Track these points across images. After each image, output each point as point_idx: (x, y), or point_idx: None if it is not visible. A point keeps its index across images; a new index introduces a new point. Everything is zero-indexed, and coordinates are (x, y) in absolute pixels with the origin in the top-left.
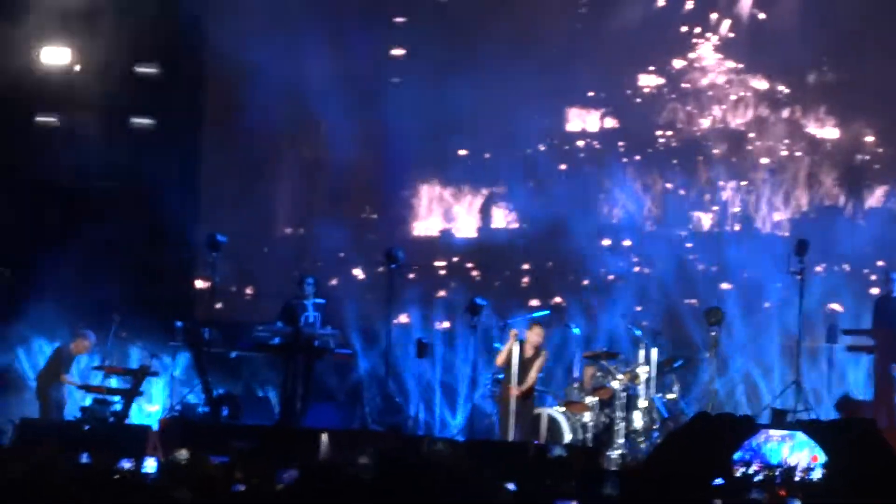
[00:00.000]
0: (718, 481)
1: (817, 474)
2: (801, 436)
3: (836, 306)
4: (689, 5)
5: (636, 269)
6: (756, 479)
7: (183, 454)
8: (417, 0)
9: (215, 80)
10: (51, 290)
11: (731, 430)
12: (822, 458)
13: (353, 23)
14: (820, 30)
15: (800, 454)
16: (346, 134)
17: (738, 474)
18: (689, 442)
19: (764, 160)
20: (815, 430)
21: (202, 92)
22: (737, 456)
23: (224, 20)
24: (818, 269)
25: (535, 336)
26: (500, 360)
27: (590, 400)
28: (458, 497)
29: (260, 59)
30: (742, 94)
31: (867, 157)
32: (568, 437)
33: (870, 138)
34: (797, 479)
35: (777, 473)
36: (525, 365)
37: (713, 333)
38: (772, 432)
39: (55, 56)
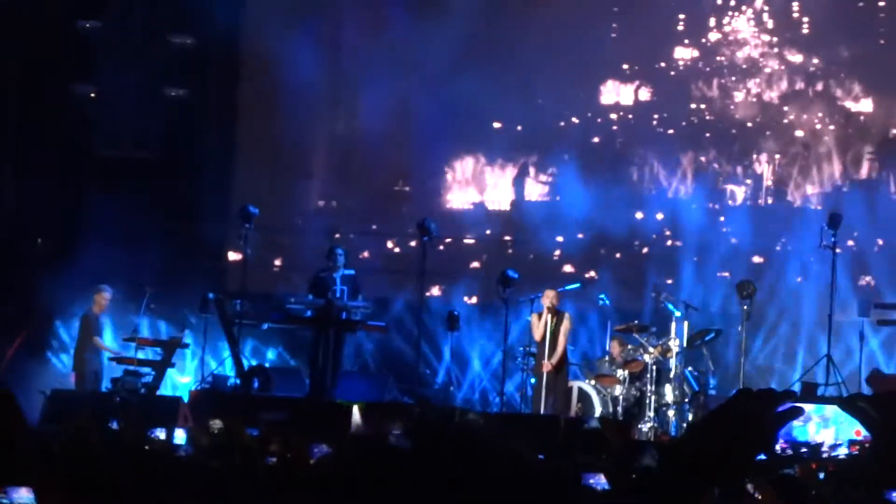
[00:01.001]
0: (761, 457)
1: (843, 451)
2: (828, 412)
3: (867, 282)
4: None
5: (669, 242)
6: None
7: (217, 423)
8: None
9: (250, 51)
10: (86, 261)
11: (773, 407)
12: (864, 432)
13: None
14: (855, 4)
15: (826, 431)
16: (379, 106)
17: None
18: (731, 417)
19: (798, 133)
20: (850, 404)
21: (237, 63)
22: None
23: None
24: (850, 242)
25: (546, 300)
26: (538, 334)
27: (621, 373)
28: (494, 467)
29: (295, 31)
30: (776, 66)
31: None
32: (598, 410)
33: None
34: (824, 456)
35: (804, 451)
36: (553, 334)
37: (745, 307)
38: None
39: (93, 26)
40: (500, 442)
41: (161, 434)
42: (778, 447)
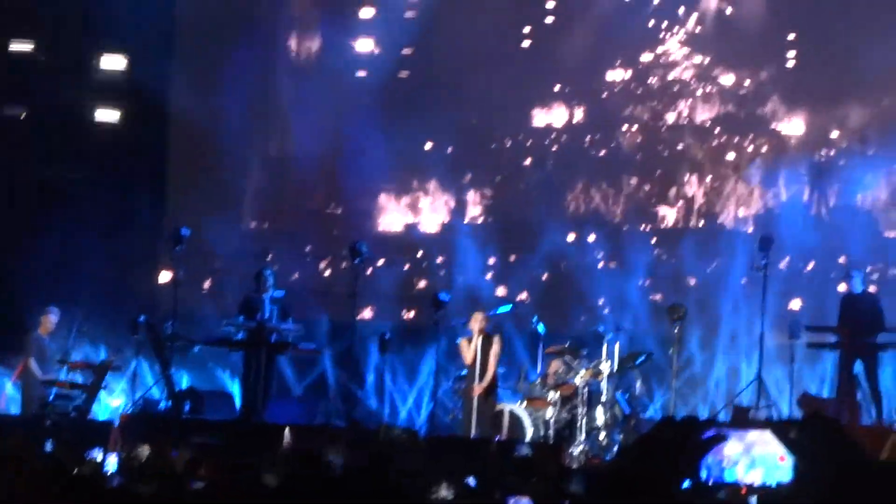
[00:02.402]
0: (686, 484)
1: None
2: (756, 451)
3: (797, 302)
4: (656, 0)
5: (601, 264)
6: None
7: (144, 450)
8: None
9: (182, 72)
10: (17, 283)
11: (697, 435)
12: (789, 458)
13: (318, 15)
14: (787, 25)
15: (755, 472)
16: (311, 128)
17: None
18: (656, 445)
19: (729, 155)
20: (781, 430)
21: (168, 85)
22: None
23: (193, 10)
24: (782, 265)
25: (475, 323)
26: (468, 358)
27: (552, 396)
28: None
29: (227, 52)
30: (708, 88)
31: (832, 153)
32: (530, 432)
33: (835, 134)
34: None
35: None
36: (483, 357)
37: (676, 329)
38: (726, 452)
39: (23, 48)
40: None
41: (98, 455)
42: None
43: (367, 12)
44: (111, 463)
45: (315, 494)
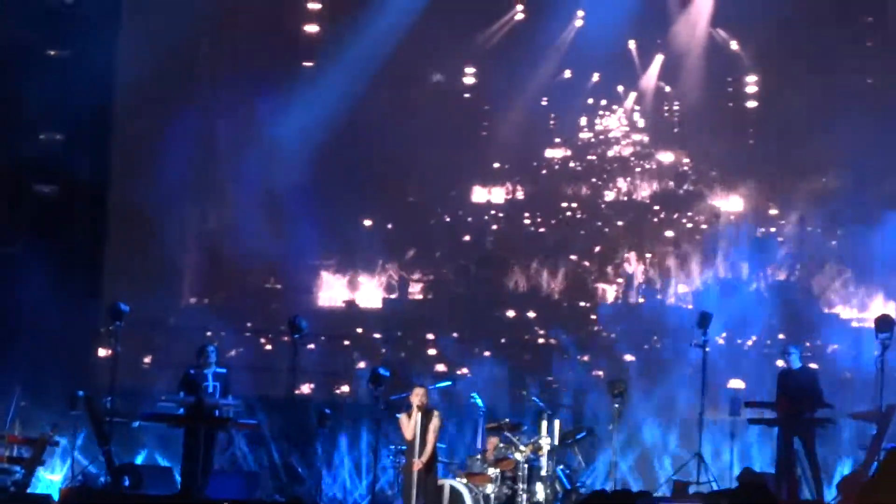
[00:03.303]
0: None
1: None
2: None
3: (737, 382)
4: (595, 78)
5: (541, 340)
6: None
7: None
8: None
9: (120, 144)
10: None
11: None
12: None
13: (255, 90)
14: (725, 104)
15: None
16: (252, 201)
17: None
18: None
19: (668, 232)
20: (715, 499)
21: (107, 156)
22: None
23: (135, 85)
24: (720, 341)
25: (415, 398)
26: (408, 433)
27: (492, 471)
28: None
29: (164, 124)
30: (647, 165)
31: (771, 230)
32: None
33: (774, 211)
34: None
35: None
36: (423, 432)
37: (616, 405)
38: None
39: None
40: None
41: None
42: None
43: (309, 83)
44: None
45: None
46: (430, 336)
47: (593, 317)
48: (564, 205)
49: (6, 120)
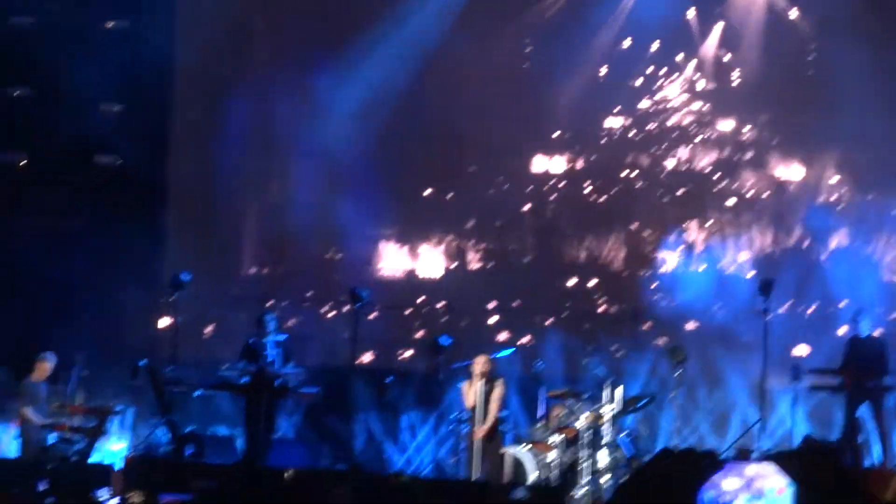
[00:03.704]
0: None
1: None
2: (756, 485)
3: (800, 349)
4: (654, 47)
5: (602, 308)
6: None
7: (136, 497)
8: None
9: (181, 117)
10: (15, 329)
11: (694, 466)
12: (788, 490)
13: (315, 60)
14: (785, 72)
15: None
16: (312, 174)
17: None
18: (653, 478)
19: (729, 201)
20: (781, 459)
21: (167, 130)
22: None
23: (192, 61)
24: (782, 309)
25: (478, 366)
26: (469, 401)
27: (555, 439)
28: None
29: (225, 97)
30: (708, 134)
31: (831, 198)
32: (533, 476)
33: (834, 179)
34: None
35: None
36: (485, 400)
37: (677, 373)
38: (725, 487)
39: (23, 92)
40: None
41: (105, 495)
42: None
43: (366, 57)
44: None
45: None
46: (491, 305)
47: (654, 285)
48: (624, 174)
49: (66, 92)
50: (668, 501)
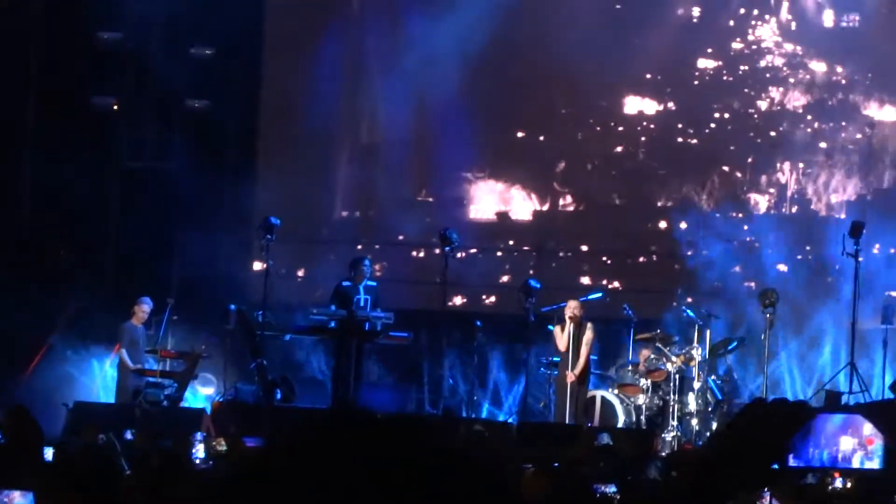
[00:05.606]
0: (774, 466)
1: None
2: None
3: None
4: None
5: (692, 251)
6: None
7: (221, 443)
8: None
9: (271, 60)
10: (108, 273)
11: (786, 416)
12: (877, 440)
13: (407, 3)
14: (879, 12)
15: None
16: (401, 115)
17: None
18: (746, 427)
19: (822, 143)
20: (872, 411)
21: (258, 73)
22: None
23: (282, 2)
24: (874, 251)
25: (569, 310)
26: (562, 345)
27: (644, 382)
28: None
29: (315, 39)
30: (800, 76)
31: None
32: (622, 419)
33: None
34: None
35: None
36: (575, 344)
37: (768, 315)
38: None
39: (113, 38)
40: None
41: (199, 439)
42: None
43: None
44: (199, 451)
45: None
46: (582, 248)
47: (745, 227)
48: (716, 115)
49: (156, 36)
50: (763, 455)
